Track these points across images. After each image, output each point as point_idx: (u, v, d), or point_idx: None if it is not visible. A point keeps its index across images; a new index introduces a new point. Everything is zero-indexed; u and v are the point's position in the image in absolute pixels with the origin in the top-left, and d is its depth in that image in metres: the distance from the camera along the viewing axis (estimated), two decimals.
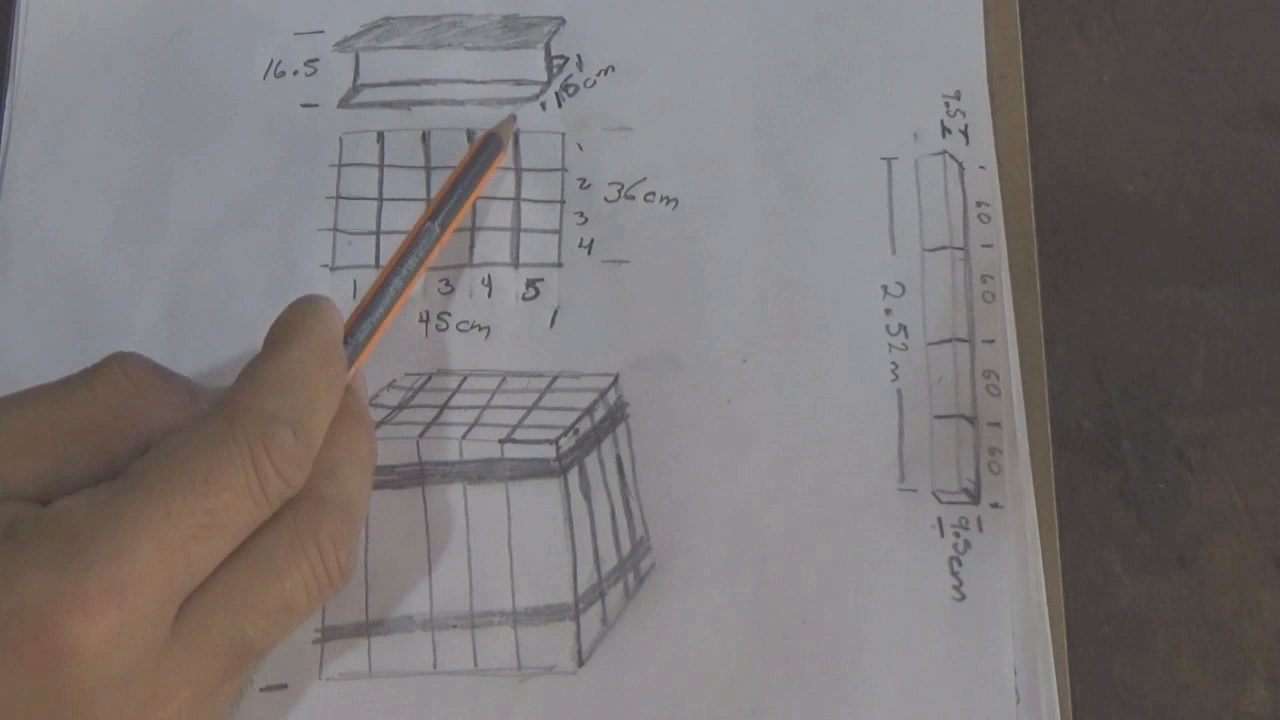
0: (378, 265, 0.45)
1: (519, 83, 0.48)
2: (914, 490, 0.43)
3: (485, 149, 0.45)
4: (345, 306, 0.45)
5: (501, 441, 0.43)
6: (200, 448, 0.32)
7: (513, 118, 0.47)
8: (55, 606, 0.29)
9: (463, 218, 0.44)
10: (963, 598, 0.41)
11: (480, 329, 0.45)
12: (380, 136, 0.47)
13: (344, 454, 0.36)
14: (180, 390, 0.35)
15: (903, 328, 0.44)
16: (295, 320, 0.37)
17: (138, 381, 0.34)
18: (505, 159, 0.46)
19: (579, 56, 0.48)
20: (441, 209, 0.43)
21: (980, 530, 0.42)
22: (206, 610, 0.32)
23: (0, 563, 0.29)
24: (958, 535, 0.42)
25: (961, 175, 0.46)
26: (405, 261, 0.41)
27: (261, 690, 0.41)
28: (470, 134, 0.47)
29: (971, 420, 0.43)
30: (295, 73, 0.48)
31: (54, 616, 0.29)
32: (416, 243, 0.42)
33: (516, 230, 0.46)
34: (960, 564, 0.42)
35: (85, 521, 0.30)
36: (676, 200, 0.46)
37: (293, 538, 0.33)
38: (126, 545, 0.30)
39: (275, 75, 0.48)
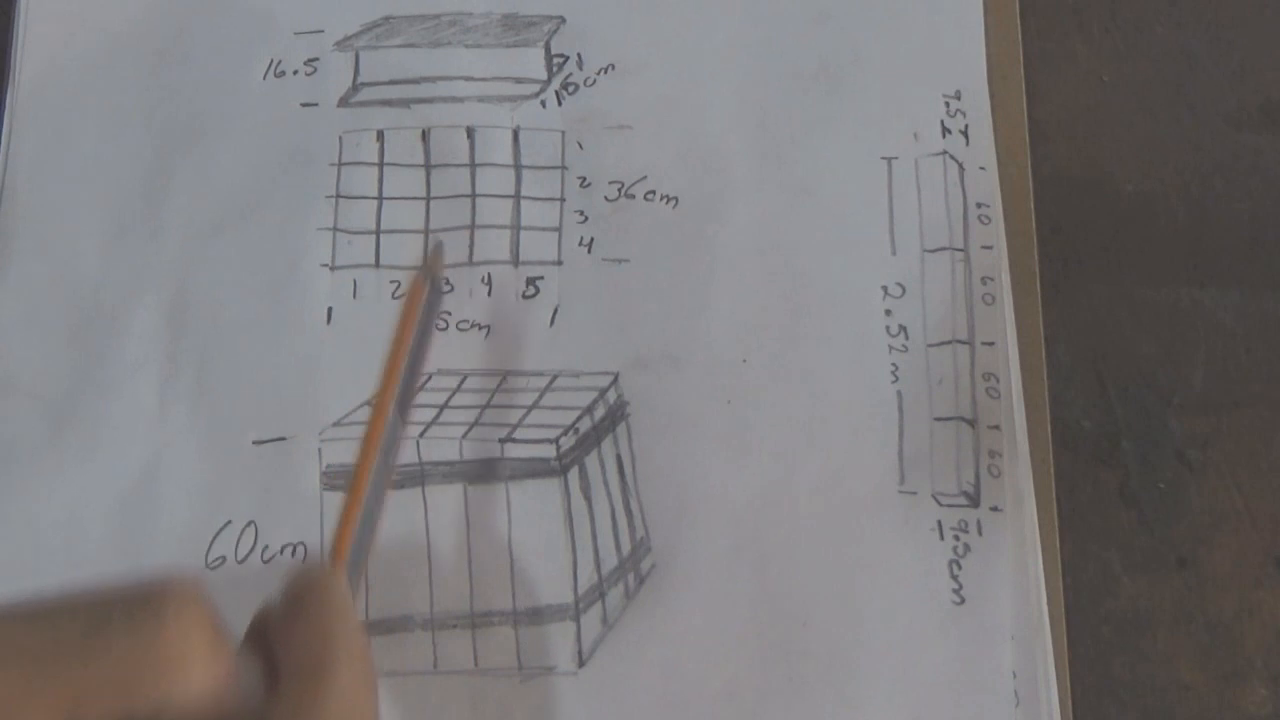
0: (378, 264, 0.45)
1: (519, 81, 0.48)
2: (914, 493, 0.43)
3: (428, 303, 0.40)
4: (345, 306, 0.45)
5: (502, 441, 0.43)
6: None
7: (440, 244, 0.44)
8: None
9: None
10: (962, 601, 0.41)
11: (480, 328, 0.45)
12: (380, 135, 0.47)
13: None
14: (224, 667, 0.28)
15: (903, 329, 0.44)
16: (329, 625, 0.30)
17: (190, 642, 0.27)
18: (505, 156, 0.46)
19: (579, 55, 0.48)
20: (401, 396, 0.37)
21: (980, 534, 0.42)
22: None
23: None
24: (957, 539, 0.42)
25: (961, 176, 0.46)
26: (378, 469, 0.35)
27: None
28: (470, 131, 0.47)
29: (971, 423, 0.43)
30: (295, 72, 0.48)
31: None
32: (386, 443, 0.35)
33: (516, 228, 0.46)
34: (960, 567, 0.42)
35: None
36: (676, 199, 0.46)
37: None
38: None
39: (275, 75, 0.48)
